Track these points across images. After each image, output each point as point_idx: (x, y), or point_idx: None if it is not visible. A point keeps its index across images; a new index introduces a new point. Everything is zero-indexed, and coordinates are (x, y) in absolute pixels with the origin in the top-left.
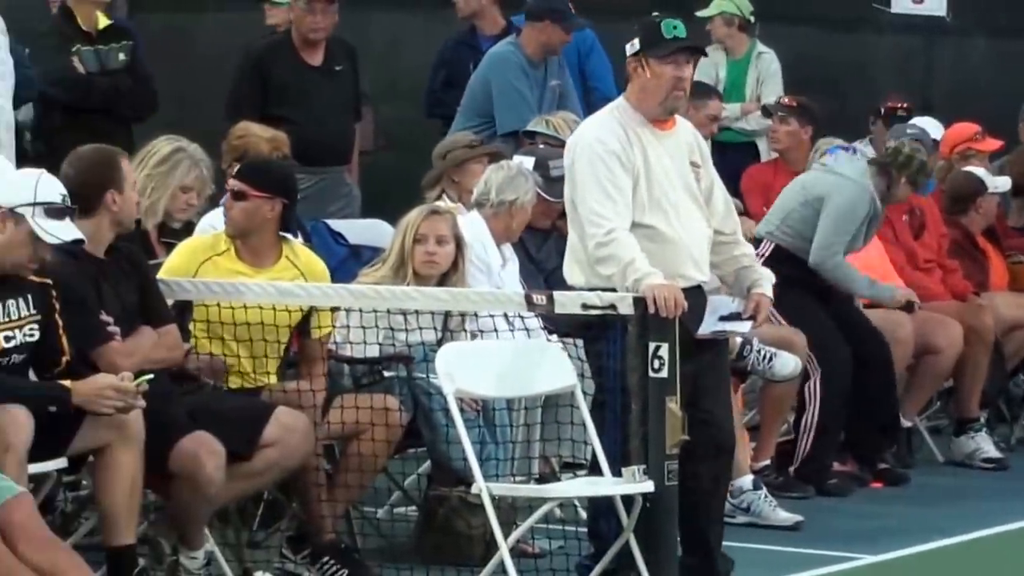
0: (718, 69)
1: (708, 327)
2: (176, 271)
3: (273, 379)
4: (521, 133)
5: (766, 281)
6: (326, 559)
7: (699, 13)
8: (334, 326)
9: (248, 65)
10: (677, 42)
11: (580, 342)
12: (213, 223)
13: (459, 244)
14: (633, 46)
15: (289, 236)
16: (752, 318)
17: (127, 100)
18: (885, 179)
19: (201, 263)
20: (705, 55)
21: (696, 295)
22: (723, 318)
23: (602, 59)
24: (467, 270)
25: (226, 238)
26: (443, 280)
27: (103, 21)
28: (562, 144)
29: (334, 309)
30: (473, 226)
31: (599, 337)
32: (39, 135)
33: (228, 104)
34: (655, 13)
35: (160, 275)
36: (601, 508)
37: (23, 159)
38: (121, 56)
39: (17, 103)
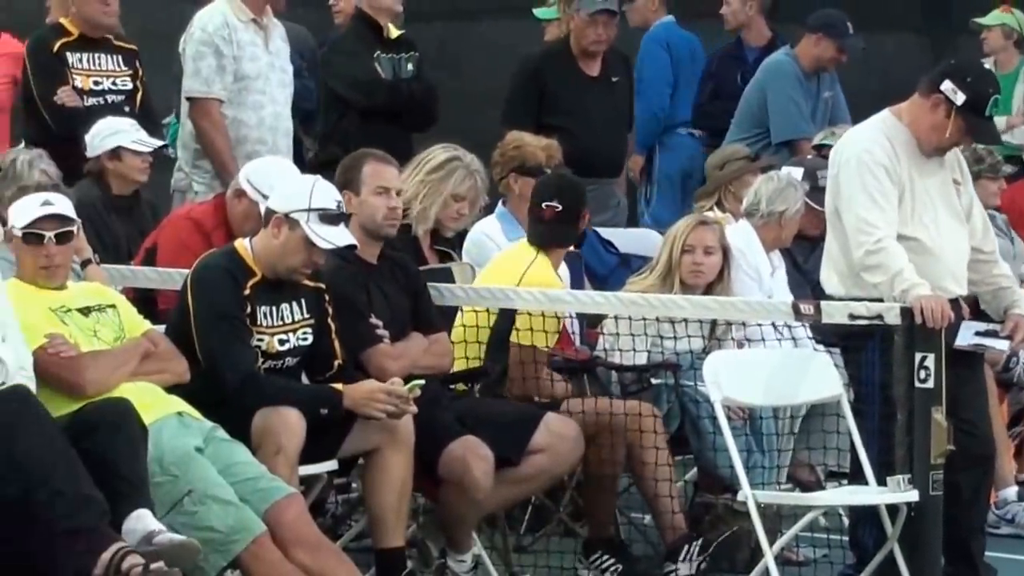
0: None
1: (965, 340)
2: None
3: None
4: (812, 146)
5: None
6: (599, 553)
7: (978, 20)
8: (602, 333)
9: (525, 74)
10: (988, 124)
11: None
12: (486, 231)
13: (726, 254)
14: (956, 95)
15: None
16: (1009, 338)
17: (419, 108)
18: None
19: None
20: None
21: (954, 308)
22: (979, 333)
23: None
24: (734, 279)
25: (534, 247)
26: (709, 289)
27: (394, 32)
28: None
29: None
30: (743, 235)
31: (860, 347)
32: (333, 139)
33: (504, 112)
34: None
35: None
36: (862, 517)
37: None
38: (410, 66)
39: (295, 112)
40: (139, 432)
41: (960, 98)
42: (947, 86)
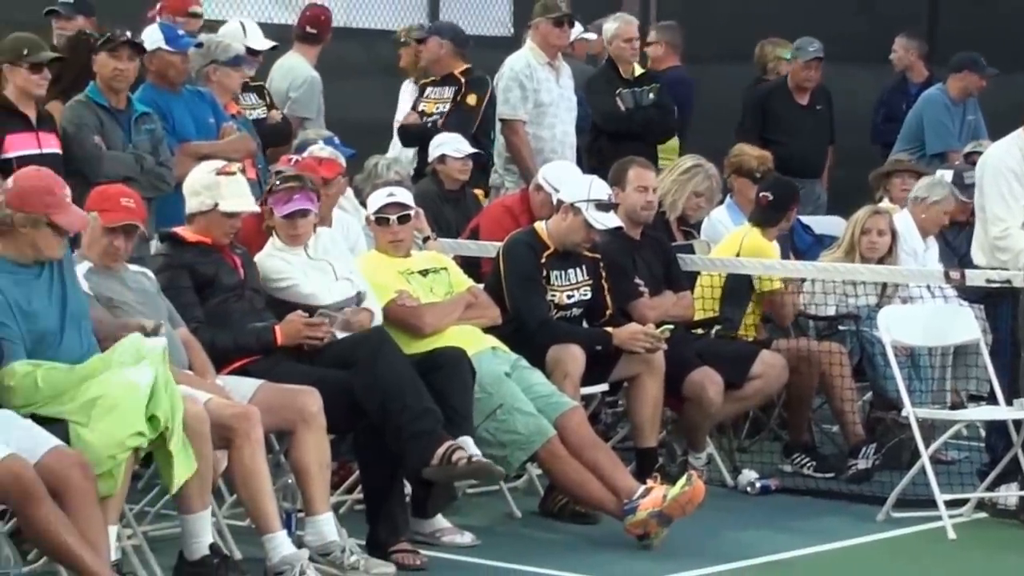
0: None
1: None
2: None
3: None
4: (962, 154)
5: None
6: (798, 454)
7: None
8: (801, 291)
9: (752, 101)
10: None
11: (982, 307)
12: (718, 217)
13: (893, 235)
14: None
15: None
16: None
17: (654, 129)
18: None
19: None
20: None
21: None
22: None
23: None
24: (899, 254)
25: (751, 224)
26: (881, 260)
27: (638, 70)
28: None
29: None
30: (904, 221)
31: (996, 304)
32: (592, 154)
33: (737, 129)
34: None
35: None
36: (994, 428)
37: None
38: (651, 95)
39: (577, 131)
40: (470, 376)
41: None
42: None
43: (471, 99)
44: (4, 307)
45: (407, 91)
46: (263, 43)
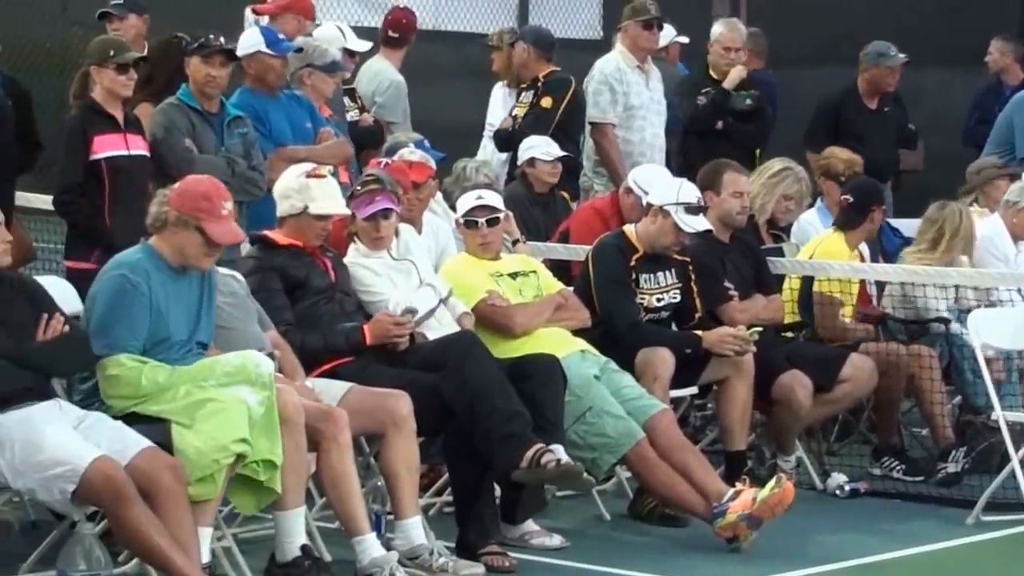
0: None
1: None
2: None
3: None
4: None
5: None
6: (887, 457)
7: None
8: (891, 295)
9: (824, 107)
10: None
11: None
12: (808, 220)
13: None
14: None
15: None
16: None
17: (744, 131)
18: None
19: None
20: None
21: None
22: None
23: None
24: (979, 258)
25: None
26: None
27: (735, 75)
28: None
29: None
30: (992, 225)
31: None
32: (680, 152)
33: (807, 133)
34: None
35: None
36: None
37: None
38: (748, 101)
39: (667, 134)
40: (562, 384)
41: None
42: None
43: (545, 102)
44: (144, 304)
45: (499, 94)
46: (360, 44)
